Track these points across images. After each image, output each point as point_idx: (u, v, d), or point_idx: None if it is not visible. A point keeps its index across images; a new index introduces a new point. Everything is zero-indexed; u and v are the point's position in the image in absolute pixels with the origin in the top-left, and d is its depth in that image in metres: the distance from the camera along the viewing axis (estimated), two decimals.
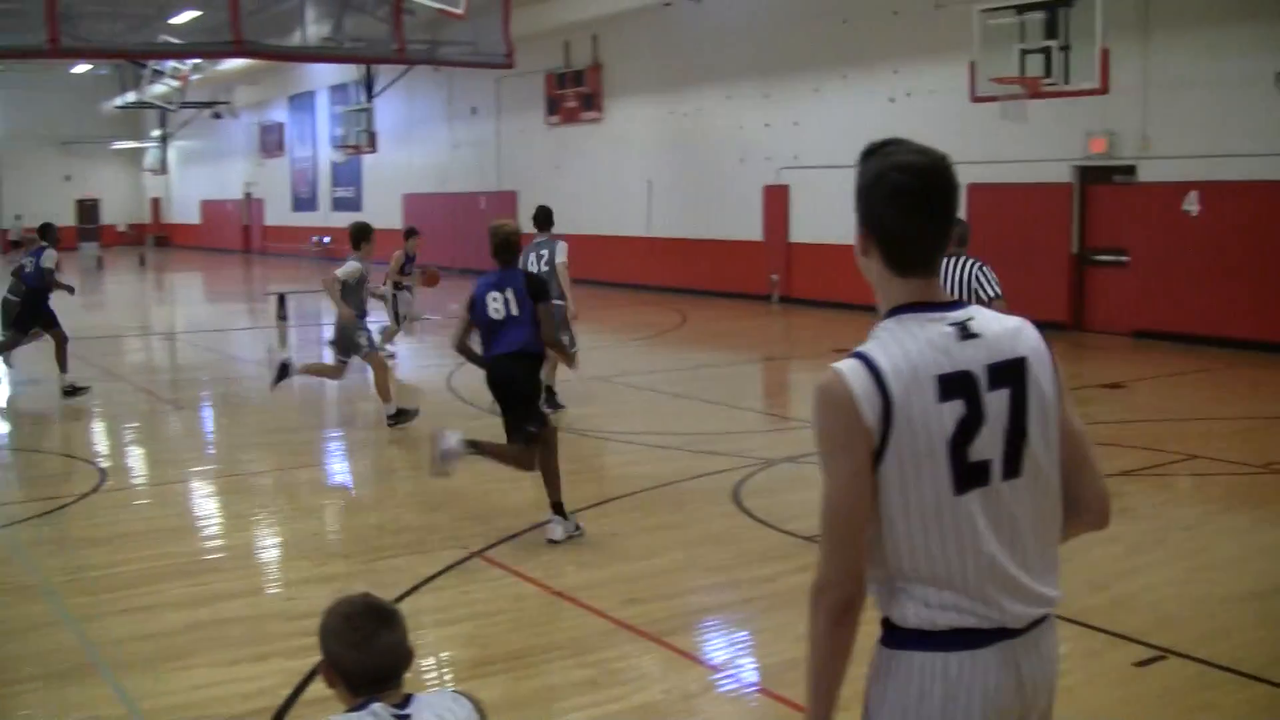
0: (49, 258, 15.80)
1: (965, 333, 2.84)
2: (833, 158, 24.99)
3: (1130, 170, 20.46)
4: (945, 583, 2.78)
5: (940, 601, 2.79)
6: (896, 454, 2.75)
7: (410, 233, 19.72)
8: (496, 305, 9.02)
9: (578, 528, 9.09)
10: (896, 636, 2.86)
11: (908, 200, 2.86)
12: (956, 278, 10.66)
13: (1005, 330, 2.89)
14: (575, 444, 12.81)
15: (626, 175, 30.95)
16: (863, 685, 2.92)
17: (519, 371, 9.05)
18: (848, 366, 2.79)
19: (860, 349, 2.83)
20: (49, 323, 15.99)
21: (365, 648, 3.32)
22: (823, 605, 2.83)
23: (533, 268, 13.31)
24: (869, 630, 2.87)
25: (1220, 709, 5.94)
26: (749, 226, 27.73)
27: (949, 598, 2.79)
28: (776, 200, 27.22)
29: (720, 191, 28.20)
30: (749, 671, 6.66)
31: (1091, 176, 21.19)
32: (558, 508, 9.08)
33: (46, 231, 16.34)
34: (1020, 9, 17.77)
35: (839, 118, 25.33)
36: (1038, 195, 21.50)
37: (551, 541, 8.89)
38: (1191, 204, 19.29)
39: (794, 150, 26.69)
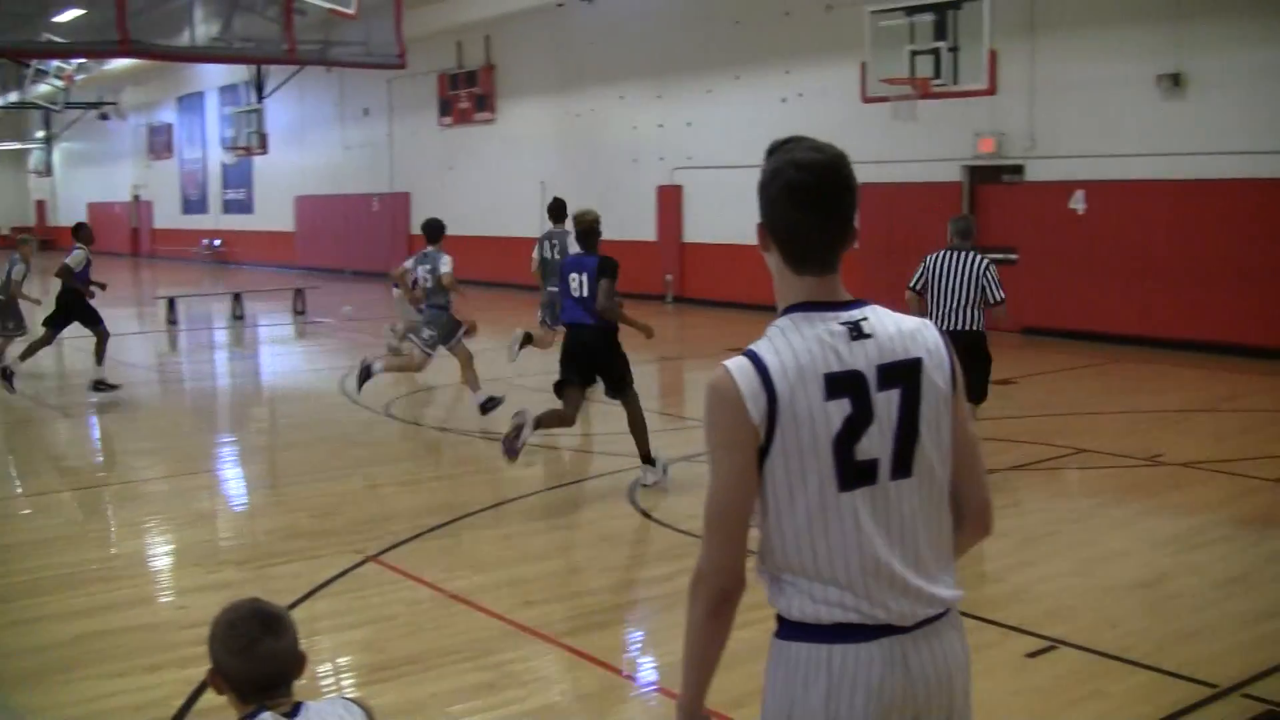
0: (77, 259, 15.59)
1: (857, 332, 2.85)
2: (726, 158, 25.13)
3: (1018, 170, 20.77)
4: (829, 578, 2.81)
5: (825, 597, 2.83)
6: (782, 450, 2.78)
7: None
8: (575, 284, 10.53)
9: (665, 471, 10.54)
10: (784, 628, 2.93)
11: (802, 196, 2.85)
12: (966, 275, 10.82)
13: (900, 331, 2.90)
14: (470, 446, 12.76)
15: (520, 176, 30.85)
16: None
17: (601, 342, 10.70)
18: (735, 365, 2.81)
19: (750, 347, 2.85)
20: (91, 320, 15.89)
21: (249, 654, 3.27)
22: (701, 595, 2.94)
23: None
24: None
25: (1109, 696, 6.04)
26: (643, 227, 27.77)
27: (833, 593, 2.82)
28: (670, 200, 27.29)
29: (614, 192, 28.20)
30: (648, 670, 6.67)
31: (981, 176, 21.48)
32: (647, 458, 10.52)
33: (79, 231, 16.12)
34: (910, 11, 17.96)
35: (732, 118, 25.46)
36: (928, 194, 21.74)
37: (644, 486, 10.35)
38: (1078, 203, 19.61)
39: (687, 150, 26.77)
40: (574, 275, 10.56)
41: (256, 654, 3.27)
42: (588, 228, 10.78)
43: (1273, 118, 17.40)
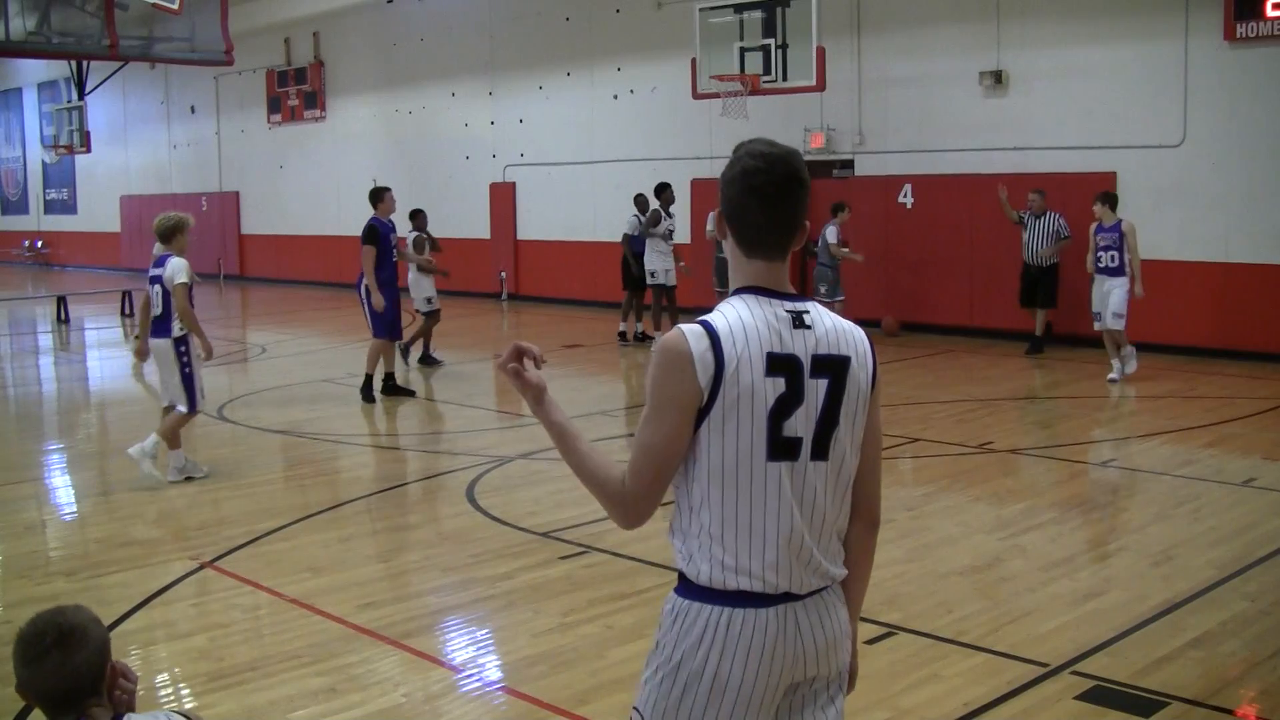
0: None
1: (799, 322, 3.12)
2: (559, 154, 25.13)
3: (849, 164, 21.09)
4: (745, 547, 3.07)
5: (735, 566, 3.07)
6: (721, 414, 3.02)
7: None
8: None
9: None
10: (688, 589, 3.14)
11: (754, 183, 3.13)
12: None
13: (836, 328, 3.18)
14: (305, 447, 12.60)
15: (351, 174, 30.47)
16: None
17: None
18: (689, 328, 3.06)
19: (704, 317, 3.10)
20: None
21: (35, 667, 3.20)
22: (614, 515, 3.17)
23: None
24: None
25: (945, 679, 6.18)
26: (476, 224, 27.63)
27: (744, 563, 3.07)
28: (503, 198, 27.20)
29: (447, 190, 28.02)
30: (491, 670, 6.65)
31: (812, 171, 21.56)
32: None
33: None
34: (739, 8, 18.09)
35: (564, 115, 25.46)
36: None
37: None
38: (906, 196, 19.98)
39: (520, 147, 26.72)
40: None
41: (45, 668, 3.20)
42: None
43: (1087, 113, 17.92)
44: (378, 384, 14.71)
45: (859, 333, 3.25)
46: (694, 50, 18.81)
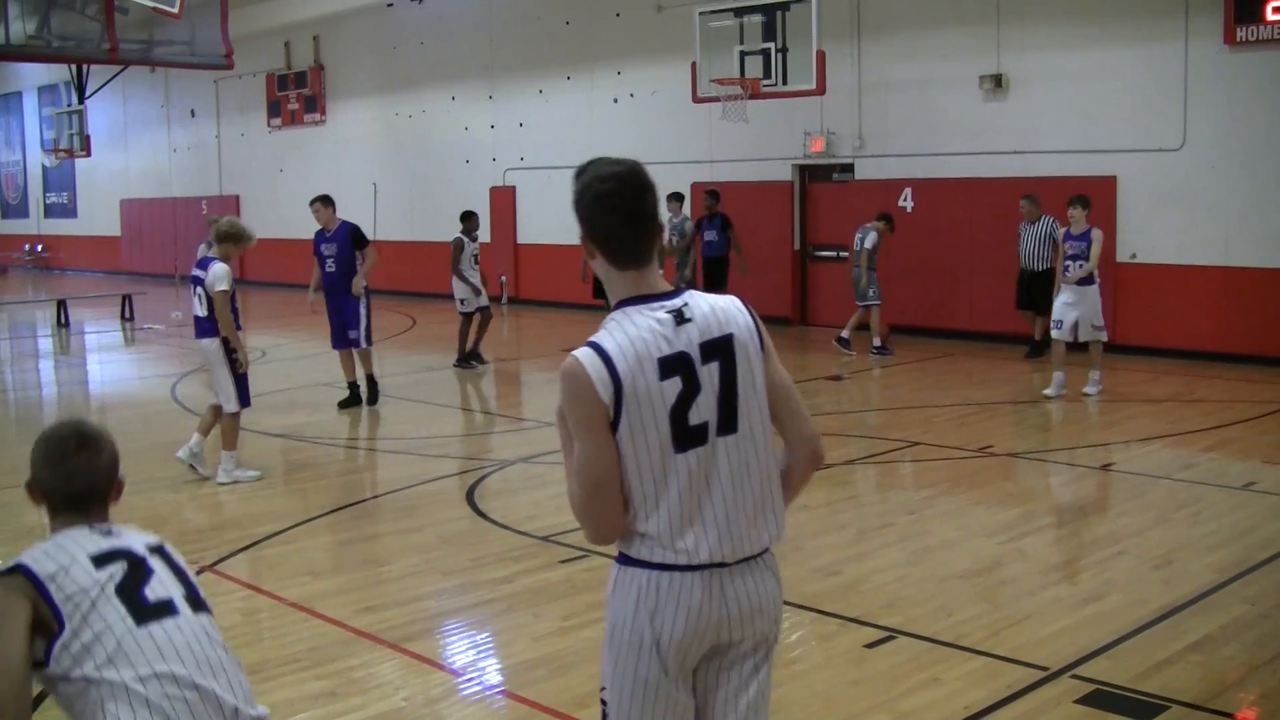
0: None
1: (680, 318, 3.37)
2: (559, 158, 25.10)
3: (849, 168, 21.09)
4: (665, 531, 3.35)
5: (664, 544, 3.36)
6: (628, 424, 3.30)
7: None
8: None
9: None
10: (625, 560, 3.46)
11: (611, 202, 3.38)
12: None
13: (713, 310, 3.44)
14: (306, 451, 12.60)
15: (351, 178, 30.45)
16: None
17: None
18: (583, 354, 3.31)
19: (593, 339, 3.34)
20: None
21: (61, 468, 3.52)
22: (586, 532, 3.52)
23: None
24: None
25: (946, 683, 6.17)
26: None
27: (671, 542, 3.36)
28: (503, 202, 27.19)
29: (447, 194, 27.99)
30: (491, 673, 6.65)
31: (812, 175, 21.77)
32: None
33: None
34: (739, 12, 18.09)
35: (564, 119, 25.45)
36: (760, 193, 21.97)
37: None
38: (906, 200, 19.98)
39: (520, 151, 26.72)
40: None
41: (68, 468, 3.52)
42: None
43: (1088, 117, 17.91)
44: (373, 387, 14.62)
45: (735, 304, 3.51)
46: (694, 54, 18.81)
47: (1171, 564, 8.11)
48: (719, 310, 3.44)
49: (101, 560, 3.46)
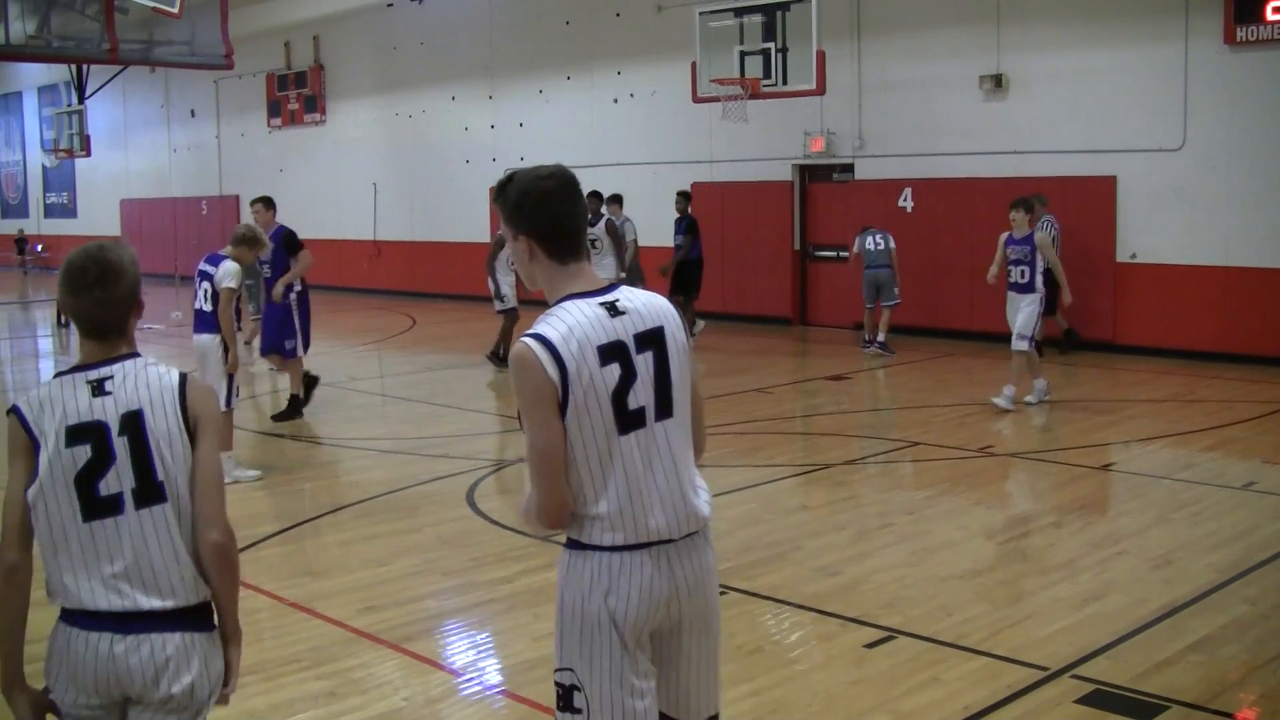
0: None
1: (614, 311, 3.60)
2: (559, 158, 24.35)
3: (849, 168, 21.08)
4: (615, 512, 3.54)
5: (611, 526, 3.54)
6: (574, 408, 3.49)
7: None
8: None
9: None
10: (576, 545, 3.62)
11: (553, 199, 3.64)
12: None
13: (645, 304, 3.68)
14: (306, 451, 12.60)
15: (351, 178, 30.48)
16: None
17: None
18: (530, 340, 3.51)
19: (535, 329, 3.54)
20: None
21: (78, 298, 3.62)
22: (534, 523, 3.65)
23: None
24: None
25: (946, 683, 6.17)
26: (475, 228, 27.57)
27: (618, 523, 3.54)
28: None
29: (446, 194, 28.02)
30: (491, 673, 6.64)
31: (812, 175, 21.77)
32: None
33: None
34: (739, 12, 18.09)
35: (564, 119, 25.43)
36: (760, 193, 21.96)
37: None
38: (906, 200, 19.97)
39: (520, 151, 26.67)
40: None
41: (86, 300, 3.62)
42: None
43: (1088, 117, 17.91)
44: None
45: (662, 300, 3.77)
46: (694, 54, 18.80)
47: (1172, 564, 8.11)
48: (649, 304, 3.70)
49: (75, 436, 3.59)
